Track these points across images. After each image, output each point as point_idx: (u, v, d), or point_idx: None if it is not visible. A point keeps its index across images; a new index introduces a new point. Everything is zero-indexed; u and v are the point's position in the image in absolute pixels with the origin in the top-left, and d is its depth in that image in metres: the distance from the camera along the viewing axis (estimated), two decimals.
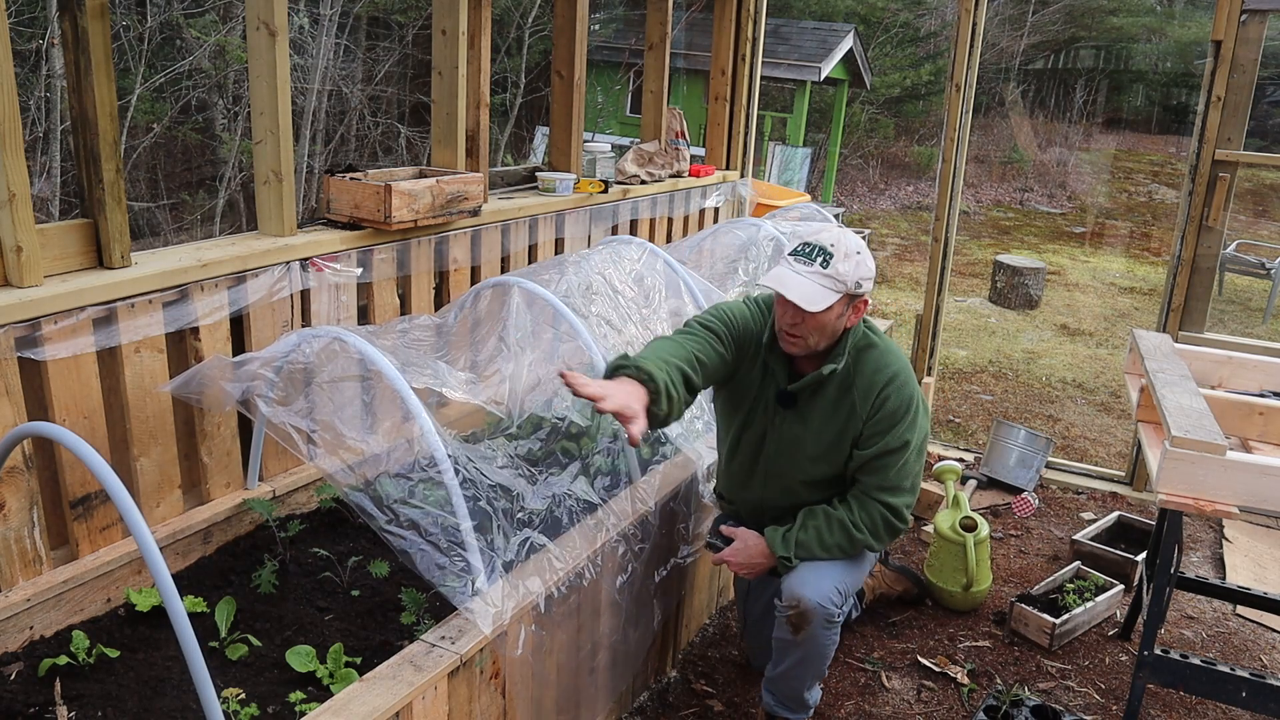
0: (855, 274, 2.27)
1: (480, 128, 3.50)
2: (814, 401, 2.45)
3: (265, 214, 2.77)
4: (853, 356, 2.43)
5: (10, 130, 2.06)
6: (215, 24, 9.87)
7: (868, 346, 2.44)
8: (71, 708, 1.97)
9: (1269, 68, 13.95)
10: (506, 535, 2.70)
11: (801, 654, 2.50)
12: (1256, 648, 3.35)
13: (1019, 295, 9.25)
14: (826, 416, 2.44)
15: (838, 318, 2.32)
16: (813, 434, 2.46)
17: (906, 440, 2.40)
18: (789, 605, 2.44)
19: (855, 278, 2.27)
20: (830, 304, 2.25)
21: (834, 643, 2.50)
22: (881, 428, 2.39)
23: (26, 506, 2.14)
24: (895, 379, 2.41)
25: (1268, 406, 2.71)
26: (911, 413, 2.41)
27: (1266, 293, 9.20)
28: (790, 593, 2.44)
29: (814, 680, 2.61)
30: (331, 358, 2.54)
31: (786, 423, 2.49)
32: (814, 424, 2.46)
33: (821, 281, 2.24)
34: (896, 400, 2.39)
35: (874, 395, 2.40)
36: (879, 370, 2.41)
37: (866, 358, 2.43)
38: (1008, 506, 4.30)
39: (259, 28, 2.60)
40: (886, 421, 2.39)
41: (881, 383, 2.40)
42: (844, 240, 2.30)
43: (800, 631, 2.44)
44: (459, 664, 1.93)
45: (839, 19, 16.97)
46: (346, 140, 11.30)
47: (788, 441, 2.50)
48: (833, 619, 2.43)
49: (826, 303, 2.24)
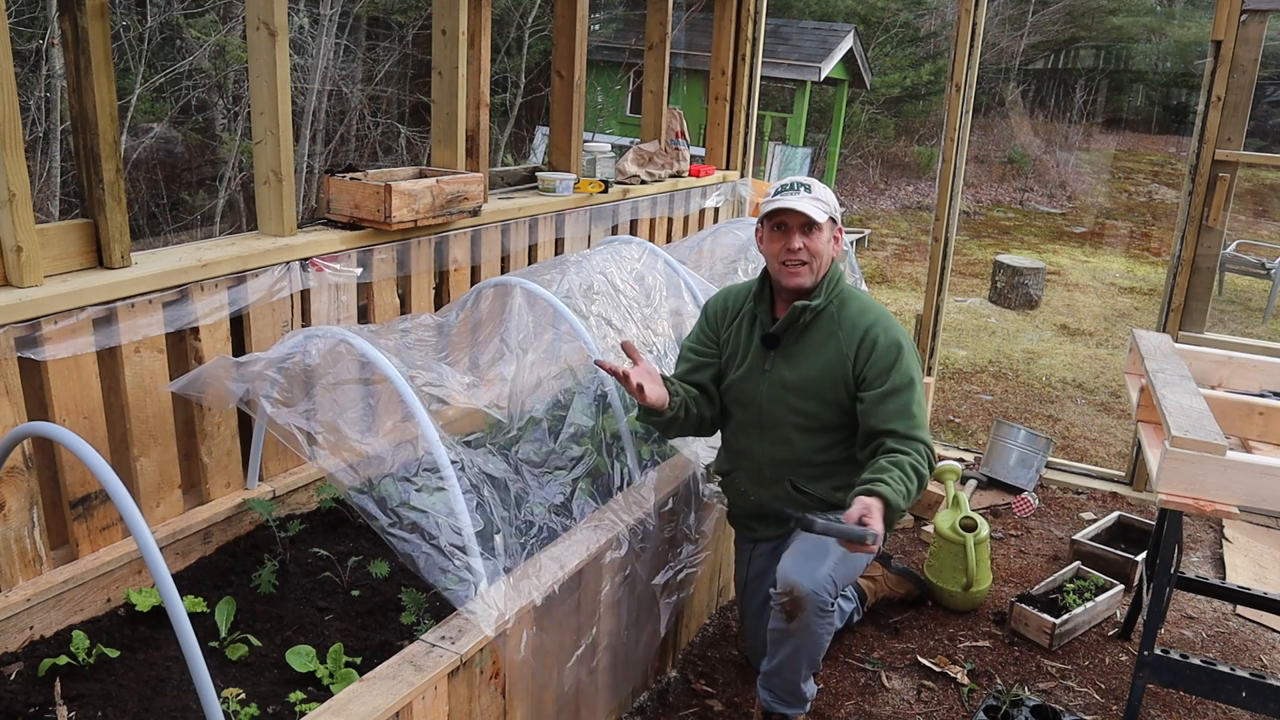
0: (833, 201, 2.56)
1: (480, 128, 3.50)
2: (798, 342, 2.58)
3: (265, 214, 2.77)
4: (836, 302, 2.57)
5: (10, 130, 2.06)
6: (215, 24, 9.87)
7: (850, 298, 2.59)
8: (71, 708, 1.97)
9: (1269, 68, 13.96)
10: (507, 536, 2.70)
11: (796, 644, 2.50)
12: (1256, 648, 3.35)
13: (1019, 295, 9.25)
14: (811, 354, 2.55)
15: (828, 241, 2.54)
16: (799, 373, 2.56)
17: (912, 378, 2.48)
18: (783, 592, 2.45)
19: (834, 204, 2.56)
20: (824, 221, 2.50)
21: (828, 633, 2.51)
22: (883, 366, 2.47)
23: (26, 506, 2.14)
24: (878, 322, 2.53)
25: (1268, 406, 2.71)
26: (906, 351, 2.50)
27: (1266, 293, 9.20)
28: (785, 580, 2.45)
29: (809, 672, 2.60)
30: (336, 359, 2.54)
31: (775, 366, 2.59)
32: (800, 363, 2.56)
33: (814, 203, 2.50)
34: (886, 339, 2.50)
35: (859, 336, 2.51)
36: (861, 314, 2.55)
37: (849, 305, 2.57)
38: (1008, 506, 4.30)
39: (259, 28, 2.60)
40: (885, 360, 2.48)
41: (866, 324, 2.52)
42: (812, 179, 2.58)
43: (794, 619, 2.45)
44: (459, 664, 1.93)
45: (839, 19, 16.97)
46: (346, 140, 11.30)
47: (777, 385, 2.59)
48: (826, 607, 2.44)
49: (823, 217, 2.49)
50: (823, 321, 2.55)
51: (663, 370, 3.26)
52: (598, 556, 2.41)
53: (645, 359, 2.50)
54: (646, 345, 3.36)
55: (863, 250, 11.88)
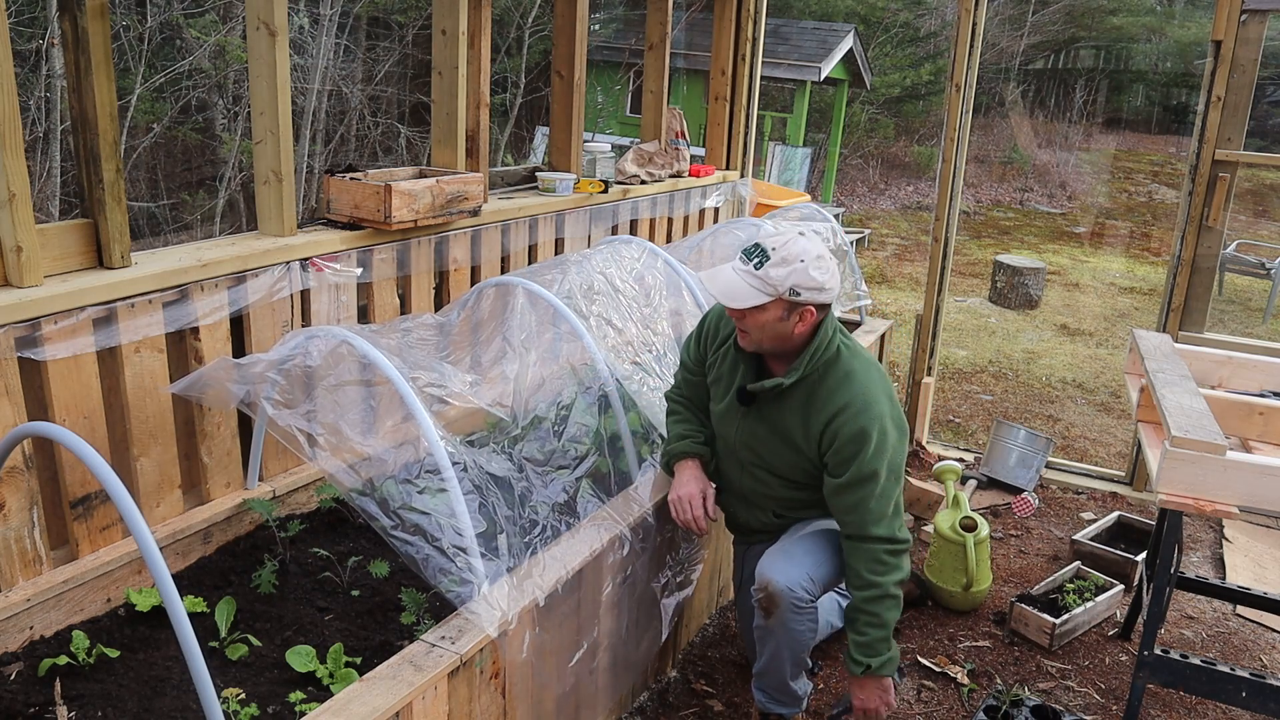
0: (790, 280, 2.25)
1: (480, 128, 3.50)
2: (770, 407, 2.47)
3: (265, 214, 2.77)
4: (817, 375, 2.40)
5: (10, 130, 2.06)
6: (215, 24, 9.87)
7: (832, 369, 2.40)
8: (71, 708, 1.97)
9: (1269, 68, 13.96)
10: (510, 536, 2.70)
11: (776, 641, 2.50)
12: (1256, 648, 3.35)
13: (1019, 295, 9.25)
14: (778, 426, 2.46)
15: (779, 321, 2.32)
16: (769, 436, 2.49)
17: (874, 470, 2.33)
18: (759, 589, 2.46)
19: (789, 284, 2.26)
20: (758, 304, 2.28)
21: (808, 630, 2.49)
22: (844, 457, 2.35)
23: (26, 506, 2.14)
24: (848, 407, 2.34)
25: (1268, 406, 2.71)
26: (873, 441, 2.33)
27: (1266, 293, 9.20)
28: (760, 576, 2.46)
29: (796, 670, 2.60)
30: (337, 360, 2.54)
31: (749, 419, 2.52)
32: (770, 427, 2.48)
33: (749, 281, 2.28)
34: (850, 428, 2.33)
35: (825, 420, 2.37)
36: (833, 395, 2.37)
37: (829, 378, 2.40)
38: (1008, 506, 4.30)
39: (259, 28, 2.60)
40: (847, 451, 2.34)
41: (834, 410, 2.35)
42: (791, 248, 2.28)
43: (770, 616, 2.45)
44: (459, 664, 1.93)
45: (839, 19, 16.97)
46: (346, 140, 11.30)
47: (749, 435, 2.53)
48: (801, 604, 2.42)
49: (751, 301, 2.27)
50: (799, 393, 2.41)
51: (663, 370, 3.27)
52: (600, 556, 2.41)
53: (710, 507, 2.59)
54: (647, 345, 3.36)
55: (863, 250, 11.88)
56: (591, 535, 2.44)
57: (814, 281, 2.28)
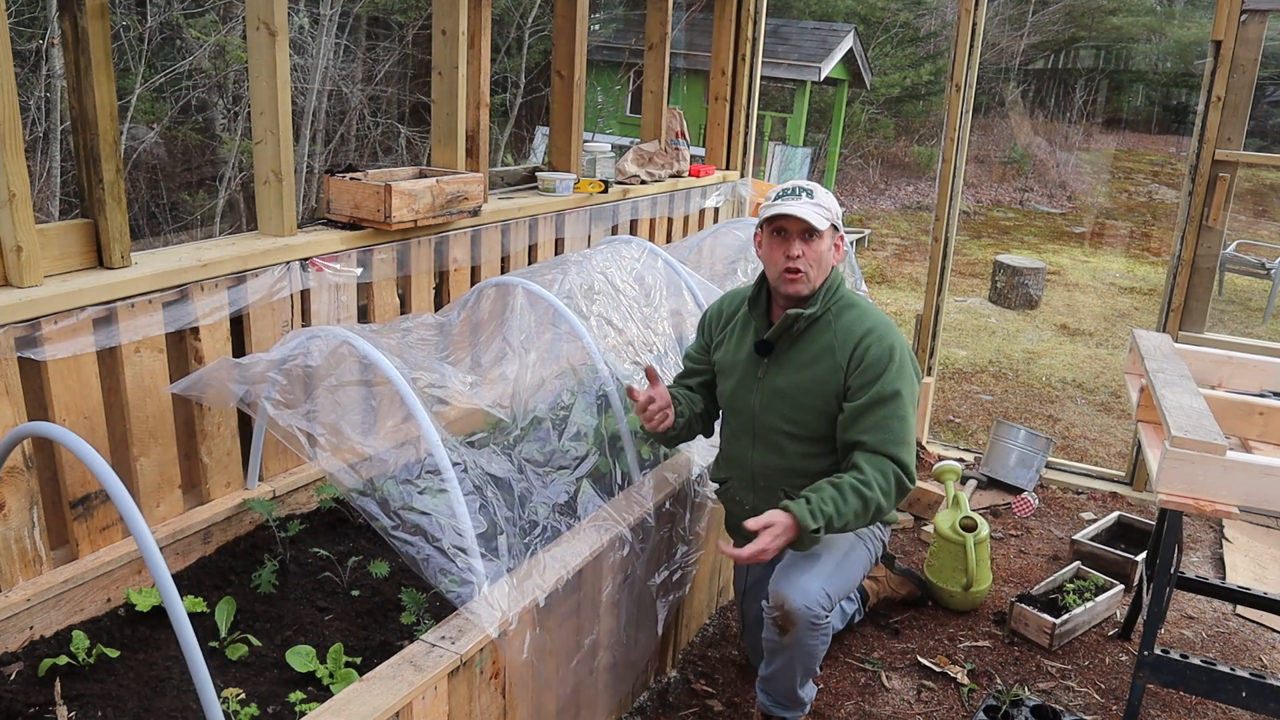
0: (835, 207, 2.50)
1: (480, 128, 3.50)
2: (792, 349, 2.53)
3: (265, 214, 2.77)
4: (835, 310, 2.51)
5: (10, 130, 2.06)
6: (215, 24, 9.87)
7: (849, 305, 2.53)
8: (71, 708, 1.97)
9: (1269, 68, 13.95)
10: (510, 536, 2.70)
11: (789, 656, 2.49)
12: (1256, 648, 3.35)
13: (1019, 295, 9.25)
14: (804, 364, 2.50)
15: (829, 250, 2.49)
16: (792, 381, 2.51)
17: (898, 389, 2.40)
18: (774, 607, 2.44)
19: (836, 210, 2.50)
20: (825, 228, 2.45)
21: (822, 644, 2.49)
22: (869, 377, 2.41)
23: (26, 506, 2.14)
24: (874, 330, 2.46)
25: (1268, 406, 2.71)
26: (896, 361, 2.43)
27: (1266, 293, 9.20)
28: (775, 594, 2.44)
29: (806, 678, 2.60)
30: (338, 360, 2.54)
31: (768, 373, 2.55)
32: (793, 371, 2.51)
33: (815, 209, 2.44)
34: (878, 349, 2.43)
35: (852, 345, 2.45)
36: (858, 322, 2.49)
37: (846, 314, 2.51)
38: (1008, 506, 4.30)
39: (259, 28, 2.60)
40: (873, 370, 2.41)
41: (860, 333, 2.46)
42: (816, 186, 2.51)
43: (786, 634, 2.44)
44: (459, 664, 1.93)
45: (839, 19, 16.97)
46: (346, 140, 11.30)
47: (769, 393, 2.55)
48: (818, 622, 2.41)
49: (824, 224, 2.44)
50: (818, 330, 2.49)
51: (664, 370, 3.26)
52: (600, 556, 2.41)
53: (660, 386, 2.54)
54: (647, 345, 3.36)
55: (863, 250, 11.88)
56: (591, 535, 2.44)
57: (840, 212, 2.55)
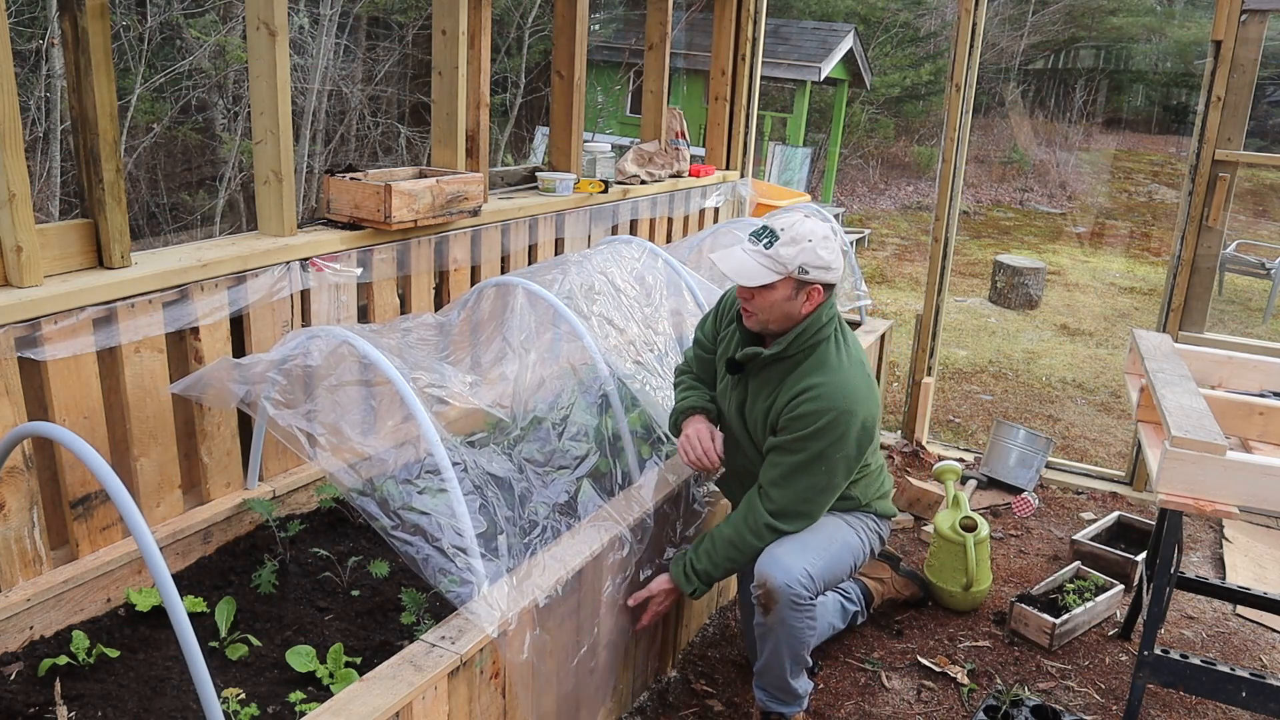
0: (799, 259, 2.33)
1: (480, 128, 3.50)
2: (756, 377, 2.54)
3: (265, 214, 2.77)
4: (798, 356, 2.44)
5: (10, 130, 2.06)
6: (215, 24, 9.88)
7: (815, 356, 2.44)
8: (71, 708, 1.97)
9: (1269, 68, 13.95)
10: (510, 536, 2.70)
11: (775, 638, 2.50)
12: (1256, 648, 3.35)
13: (1019, 295, 9.25)
14: (763, 394, 2.51)
15: (787, 300, 2.38)
16: (752, 406, 2.54)
17: (816, 449, 2.37)
18: (757, 585, 2.46)
19: (799, 262, 2.33)
20: (769, 282, 2.34)
21: (808, 626, 2.49)
22: (794, 429, 2.39)
23: (26, 506, 2.14)
24: (815, 389, 2.37)
25: (1268, 406, 2.71)
26: (825, 428, 2.35)
27: (1266, 293, 9.20)
28: (759, 572, 2.46)
29: (796, 667, 2.59)
30: (338, 360, 2.54)
31: (736, 389, 2.59)
32: (754, 397, 2.54)
33: (760, 260, 2.34)
34: (809, 406, 2.36)
35: (793, 393, 2.41)
36: (811, 373, 2.41)
37: (809, 362, 2.43)
38: (1008, 506, 4.30)
39: (259, 28, 2.60)
40: (797, 425, 2.39)
41: (805, 385, 2.39)
42: (799, 228, 2.35)
43: (769, 613, 2.45)
44: (459, 664, 1.93)
45: (839, 19, 16.97)
46: (346, 140, 11.30)
47: (736, 408, 2.60)
48: (800, 600, 2.42)
49: (762, 279, 2.33)
50: (780, 368, 2.47)
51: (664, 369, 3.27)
52: (600, 556, 2.41)
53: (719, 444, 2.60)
54: (648, 345, 3.36)
55: (863, 250, 11.88)
56: (591, 535, 2.44)
57: (821, 260, 2.35)
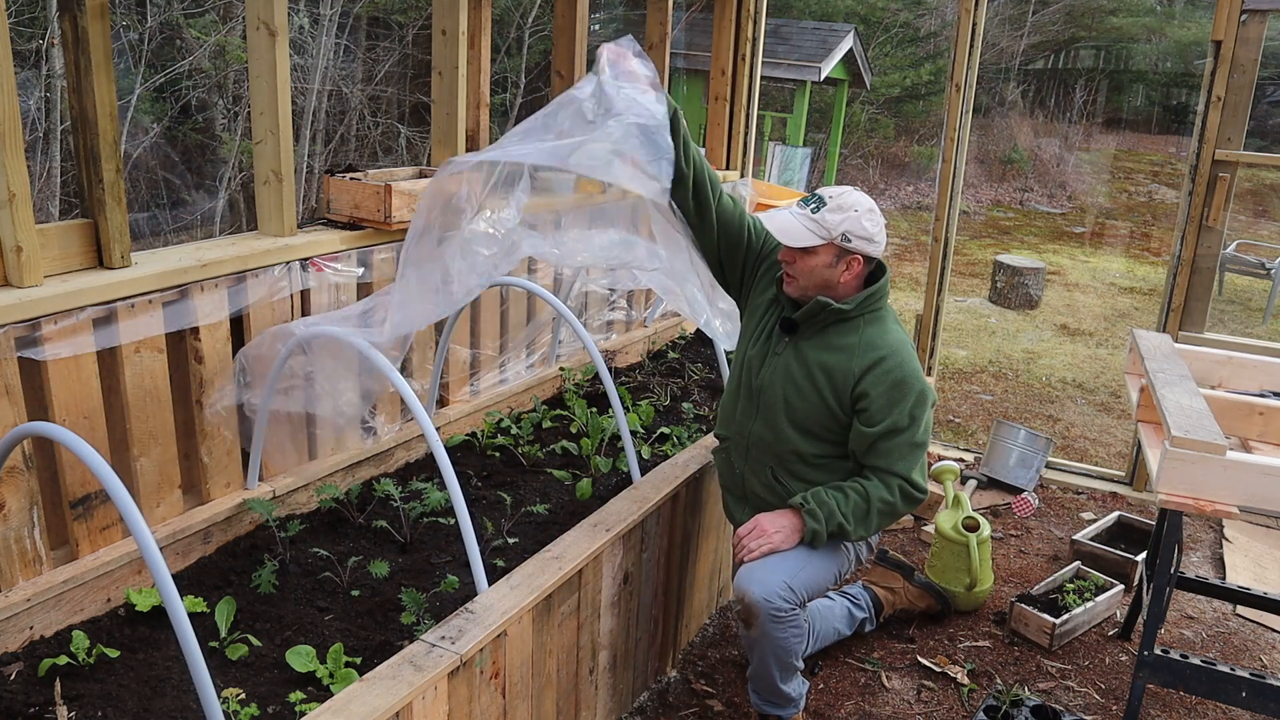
0: (843, 226, 2.37)
1: (480, 128, 3.50)
2: (815, 336, 2.50)
3: (265, 214, 2.77)
4: (865, 318, 2.48)
5: (10, 130, 2.06)
6: (215, 24, 9.88)
7: (882, 321, 2.49)
8: (71, 708, 1.97)
9: (1269, 68, 13.95)
10: (508, 536, 2.70)
11: (761, 650, 2.49)
12: (1256, 648, 3.35)
13: (1019, 295, 9.25)
14: (824, 354, 2.47)
15: (827, 267, 2.42)
16: (807, 368, 2.49)
17: (913, 417, 2.42)
18: (736, 600, 2.45)
19: (842, 229, 2.37)
20: (810, 245, 2.38)
21: (792, 638, 2.46)
22: (883, 404, 2.40)
23: (26, 506, 2.14)
24: (896, 354, 2.43)
25: (1268, 406, 2.71)
26: (913, 396, 2.42)
27: (1266, 293, 9.20)
28: (737, 588, 2.45)
29: (786, 675, 2.57)
30: (334, 355, 2.54)
31: (786, 352, 2.53)
32: (810, 358, 2.49)
33: (805, 223, 2.38)
34: (895, 375, 2.41)
35: (870, 361, 2.42)
36: (883, 338, 2.45)
37: (876, 326, 2.48)
38: (1008, 506, 4.30)
39: (259, 28, 2.60)
40: (887, 398, 2.40)
41: (883, 353, 2.42)
42: (846, 197, 2.40)
43: (751, 627, 2.44)
44: (459, 664, 1.93)
45: (839, 19, 16.96)
46: (346, 140, 11.30)
47: (782, 371, 2.53)
48: (779, 614, 2.39)
49: (804, 241, 2.37)
50: (846, 327, 2.47)
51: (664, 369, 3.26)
52: (600, 557, 2.41)
53: None
54: None
55: None
56: (592, 535, 2.44)
57: (865, 231, 2.40)
